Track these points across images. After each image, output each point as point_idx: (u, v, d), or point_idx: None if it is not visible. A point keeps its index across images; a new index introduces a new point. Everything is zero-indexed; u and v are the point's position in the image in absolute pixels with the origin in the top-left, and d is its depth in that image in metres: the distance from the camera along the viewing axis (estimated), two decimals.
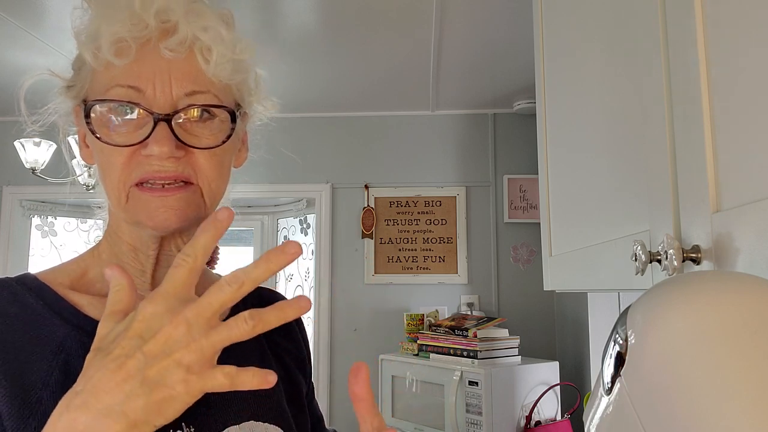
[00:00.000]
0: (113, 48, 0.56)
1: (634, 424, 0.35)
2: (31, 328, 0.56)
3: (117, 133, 0.58)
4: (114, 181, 0.58)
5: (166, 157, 0.57)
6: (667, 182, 0.62)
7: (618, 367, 0.38)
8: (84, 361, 0.55)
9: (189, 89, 0.58)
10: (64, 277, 0.63)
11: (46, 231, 3.51)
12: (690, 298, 0.36)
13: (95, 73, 0.59)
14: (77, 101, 0.62)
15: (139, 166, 0.57)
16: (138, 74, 0.57)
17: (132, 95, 0.57)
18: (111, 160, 0.58)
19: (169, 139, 0.56)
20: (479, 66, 2.62)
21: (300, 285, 3.47)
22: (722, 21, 0.53)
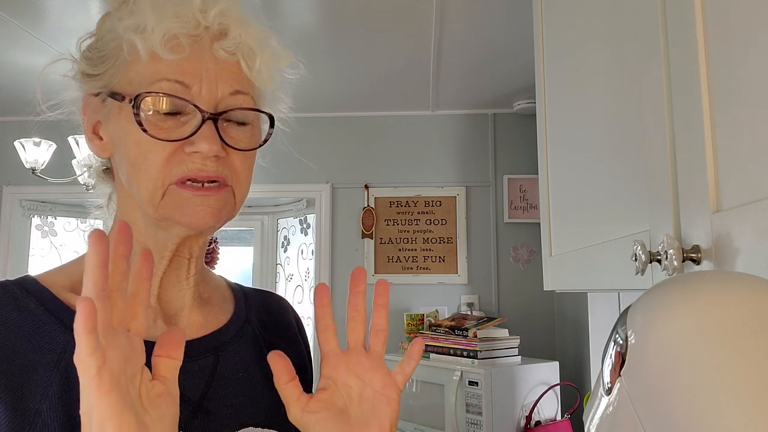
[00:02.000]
0: (168, 43, 0.56)
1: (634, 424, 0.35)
2: (32, 336, 0.55)
3: (161, 128, 0.57)
4: (151, 177, 0.57)
5: (212, 155, 0.57)
6: (667, 182, 0.62)
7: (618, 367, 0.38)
8: None
9: (234, 88, 0.59)
10: (64, 279, 0.61)
11: (46, 231, 3.51)
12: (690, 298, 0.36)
13: (131, 64, 0.58)
14: (95, 90, 0.61)
15: (181, 163, 0.57)
16: (185, 70, 0.57)
17: (179, 91, 0.57)
18: (150, 156, 0.57)
19: (216, 137, 0.57)
20: (479, 66, 2.62)
21: (300, 285, 3.47)
22: (722, 21, 0.53)
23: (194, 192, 0.57)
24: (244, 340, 0.69)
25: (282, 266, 3.58)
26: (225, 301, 0.72)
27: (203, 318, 0.67)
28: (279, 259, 3.59)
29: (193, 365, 0.62)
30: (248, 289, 0.78)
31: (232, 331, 0.68)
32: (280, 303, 0.80)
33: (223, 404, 0.62)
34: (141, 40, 0.56)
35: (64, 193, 3.18)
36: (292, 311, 0.80)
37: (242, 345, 0.68)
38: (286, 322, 0.78)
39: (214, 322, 0.68)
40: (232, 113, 0.59)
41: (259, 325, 0.73)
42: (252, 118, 0.62)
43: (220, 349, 0.66)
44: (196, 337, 0.65)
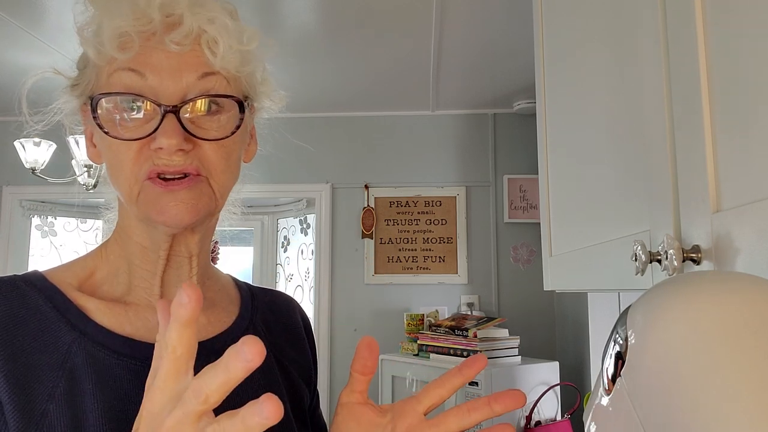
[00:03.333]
0: (116, 42, 0.55)
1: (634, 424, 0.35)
2: (40, 334, 0.55)
3: (124, 128, 0.57)
4: (125, 177, 0.57)
5: (174, 149, 0.55)
6: (667, 182, 0.62)
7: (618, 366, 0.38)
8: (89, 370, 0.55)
9: (201, 71, 0.57)
10: (72, 277, 0.61)
11: (46, 231, 3.51)
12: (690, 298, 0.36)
13: (100, 69, 0.58)
14: (83, 99, 0.62)
15: (148, 159, 0.57)
16: (143, 62, 0.56)
17: (135, 82, 0.56)
18: (120, 156, 0.57)
19: (176, 131, 0.55)
20: (479, 66, 2.62)
21: (300, 285, 3.47)
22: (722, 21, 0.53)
23: (163, 188, 0.56)
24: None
25: (282, 266, 3.58)
26: (230, 302, 0.71)
27: (206, 319, 0.66)
28: (279, 259, 3.59)
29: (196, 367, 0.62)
30: (256, 289, 0.77)
31: (235, 335, 0.67)
32: (289, 303, 0.79)
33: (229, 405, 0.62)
34: (95, 45, 0.56)
35: (64, 193, 3.18)
36: (300, 311, 0.79)
37: None
38: (293, 322, 0.77)
39: (218, 324, 0.67)
40: (198, 101, 0.57)
41: (264, 327, 0.72)
42: (226, 105, 0.59)
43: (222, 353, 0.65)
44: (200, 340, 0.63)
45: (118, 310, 0.60)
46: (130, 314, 0.61)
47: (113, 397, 0.55)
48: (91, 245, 3.74)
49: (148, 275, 0.62)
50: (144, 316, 0.61)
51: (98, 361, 0.56)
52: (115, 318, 0.60)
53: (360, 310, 3.11)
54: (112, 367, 0.56)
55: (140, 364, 0.58)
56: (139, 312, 0.61)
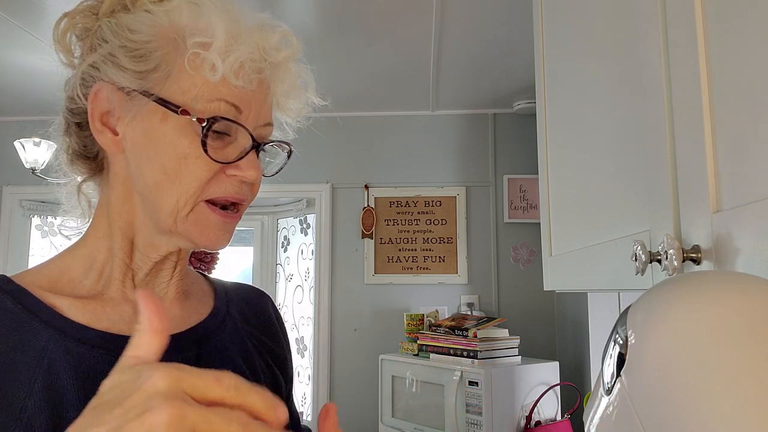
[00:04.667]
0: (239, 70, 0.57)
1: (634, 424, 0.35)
2: (12, 334, 0.55)
3: (211, 147, 0.58)
4: (187, 192, 0.58)
5: (255, 182, 0.61)
6: (667, 182, 0.62)
7: (618, 367, 0.38)
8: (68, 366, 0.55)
9: (267, 120, 0.64)
10: (42, 279, 0.61)
11: (46, 231, 3.51)
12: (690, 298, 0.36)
13: (184, 72, 0.58)
14: (130, 87, 0.58)
15: (219, 183, 0.59)
16: (242, 97, 0.59)
17: (231, 114, 0.59)
18: (195, 172, 0.58)
19: (258, 165, 0.61)
20: (479, 66, 2.62)
21: (300, 285, 3.47)
22: (722, 21, 0.53)
23: (222, 217, 0.60)
24: (226, 333, 0.70)
25: (282, 266, 3.58)
26: (204, 295, 0.73)
27: (184, 312, 0.68)
28: (279, 259, 3.59)
29: (177, 358, 0.62)
30: (227, 283, 0.79)
31: (213, 325, 0.69)
32: (261, 296, 0.81)
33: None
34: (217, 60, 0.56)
35: None
36: (272, 304, 0.82)
37: (225, 338, 0.69)
38: (267, 314, 0.79)
39: (195, 315, 0.69)
40: (268, 143, 0.63)
41: (240, 318, 0.73)
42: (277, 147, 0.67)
43: (201, 342, 0.66)
44: (179, 331, 0.65)
45: (94, 306, 0.60)
46: (107, 309, 0.61)
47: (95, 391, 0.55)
48: None
49: (130, 272, 0.63)
50: (121, 309, 0.62)
51: (77, 356, 0.56)
52: (91, 314, 0.59)
53: (360, 310, 3.11)
54: (92, 360, 0.57)
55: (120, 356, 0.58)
56: (116, 306, 0.61)
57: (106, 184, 0.65)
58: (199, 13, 0.59)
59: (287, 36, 0.64)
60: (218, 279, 0.79)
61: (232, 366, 0.67)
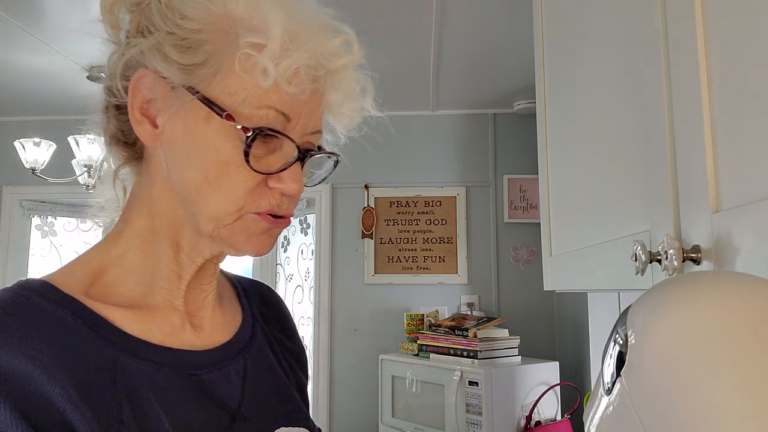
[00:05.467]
0: (293, 77, 0.53)
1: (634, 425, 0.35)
2: (82, 355, 0.49)
3: (254, 156, 0.54)
4: (231, 201, 0.54)
5: (296, 195, 0.56)
6: (667, 182, 0.62)
7: (618, 367, 0.38)
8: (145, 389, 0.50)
9: (317, 128, 0.59)
10: (79, 282, 0.55)
11: (46, 231, 3.51)
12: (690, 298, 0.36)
13: (231, 72, 0.53)
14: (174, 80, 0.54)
15: (263, 196, 0.55)
16: (293, 105, 0.54)
17: (279, 123, 0.54)
18: (235, 179, 0.54)
19: (301, 177, 0.56)
20: (479, 66, 2.62)
21: (300, 285, 3.47)
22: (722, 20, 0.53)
23: (272, 224, 0.56)
24: (258, 337, 0.67)
25: (282, 266, 3.58)
26: (231, 295, 0.70)
27: (224, 318, 0.65)
28: (279, 259, 3.59)
29: (229, 370, 0.60)
30: (243, 280, 0.75)
31: (248, 331, 0.66)
32: (272, 293, 0.78)
33: (257, 408, 0.61)
34: (269, 65, 0.51)
35: (64, 193, 3.18)
36: (280, 298, 0.79)
37: (259, 343, 0.67)
38: (283, 312, 0.76)
39: (233, 321, 0.66)
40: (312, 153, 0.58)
41: (261, 319, 0.71)
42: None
43: (245, 351, 0.64)
44: (224, 342, 0.62)
45: (145, 316, 0.56)
46: (158, 319, 0.57)
47: (171, 411, 0.52)
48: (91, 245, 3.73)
49: (175, 277, 0.59)
50: (170, 319, 0.58)
51: (149, 376, 0.52)
52: (143, 324, 0.55)
53: (360, 310, 3.11)
54: (159, 379, 0.53)
55: (181, 372, 0.56)
56: (165, 316, 0.58)
57: (146, 177, 0.59)
58: (256, 5, 0.54)
59: (349, 41, 0.59)
60: (230, 273, 0.75)
61: (270, 375, 0.65)
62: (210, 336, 0.62)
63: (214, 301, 0.64)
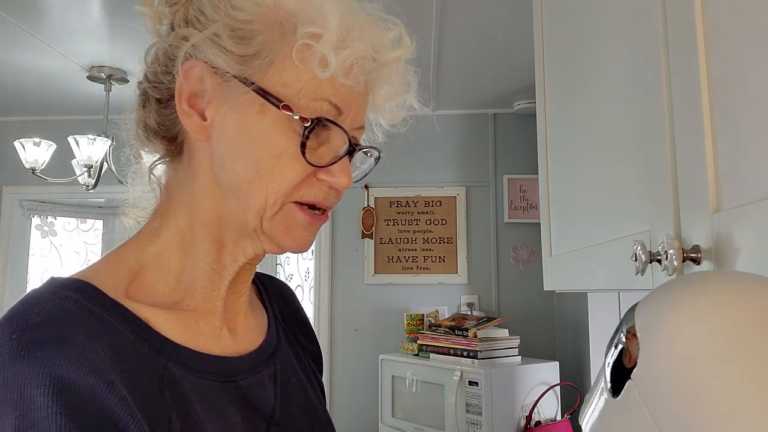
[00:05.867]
0: (349, 70, 0.52)
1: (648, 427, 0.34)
2: (131, 360, 0.48)
3: (308, 149, 0.53)
4: (277, 191, 0.53)
5: (345, 188, 0.56)
6: (667, 182, 0.62)
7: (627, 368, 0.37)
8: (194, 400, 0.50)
9: (362, 123, 0.59)
10: (119, 282, 0.53)
11: (45, 231, 3.51)
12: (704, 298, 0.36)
13: (287, 63, 0.52)
14: (227, 70, 0.53)
15: (310, 186, 0.54)
16: (346, 98, 0.54)
17: (332, 115, 0.54)
18: (288, 171, 0.53)
19: (350, 171, 0.56)
20: (479, 66, 2.62)
21: (300, 285, 3.47)
22: (722, 21, 0.53)
23: (311, 218, 0.56)
24: (283, 340, 0.66)
25: (282, 266, 3.58)
26: (256, 298, 0.69)
27: (255, 321, 0.64)
28: (279, 259, 3.59)
29: (263, 375, 0.60)
30: (262, 277, 0.74)
31: (274, 335, 0.66)
32: (289, 289, 0.77)
33: (289, 413, 0.61)
34: (330, 55, 0.50)
35: (64, 193, 3.18)
36: (298, 299, 0.78)
37: (285, 346, 0.66)
38: (300, 310, 0.75)
39: (261, 324, 0.65)
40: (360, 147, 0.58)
41: (282, 320, 0.70)
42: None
43: (275, 356, 0.63)
44: (256, 347, 0.62)
45: (187, 320, 0.55)
46: (200, 323, 0.56)
47: (220, 422, 0.52)
48: (90, 245, 3.74)
49: (217, 277, 0.57)
50: (211, 323, 0.57)
51: (191, 385, 0.52)
52: (186, 330, 0.54)
53: (360, 310, 3.11)
54: (204, 388, 0.52)
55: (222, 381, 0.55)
56: (207, 320, 0.57)
57: (186, 172, 0.58)
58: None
59: (402, 35, 0.58)
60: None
61: (297, 380, 0.65)
62: (243, 340, 0.61)
63: (246, 305, 0.63)
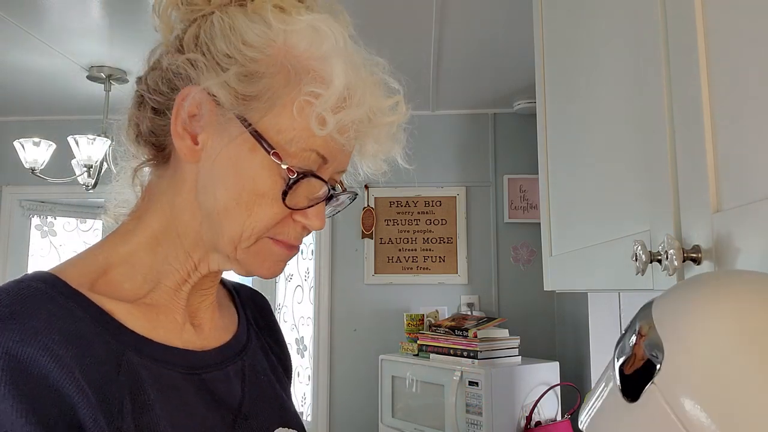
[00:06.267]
0: (345, 131, 0.54)
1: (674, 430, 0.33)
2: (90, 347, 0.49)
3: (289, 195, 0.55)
4: (253, 227, 0.55)
5: (317, 230, 0.58)
6: (667, 182, 0.62)
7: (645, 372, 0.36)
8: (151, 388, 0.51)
9: (344, 168, 0.61)
10: (85, 277, 0.55)
11: (45, 231, 3.51)
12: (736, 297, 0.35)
13: (285, 110, 0.54)
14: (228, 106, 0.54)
15: (285, 227, 0.57)
16: (333, 151, 0.56)
17: (318, 164, 0.56)
18: (266, 210, 0.55)
19: (325, 216, 0.59)
20: (479, 66, 2.62)
21: (300, 285, 3.47)
22: (722, 21, 0.53)
23: (287, 250, 0.59)
24: (254, 342, 0.69)
25: None
26: (226, 299, 0.72)
27: (222, 321, 0.67)
28: None
29: (228, 370, 0.62)
30: (237, 286, 0.77)
31: (244, 334, 0.68)
32: (261, 297, 0.80)
33: (257, 408, 0.62)
34: (329, 117, 0.53)
35: (63, 193, 3.18)
36: (268, 303, 0.81)
37: (254, 346, 0.69)
38: (271, 317, 0.78)
39: (230, 325, 0.68)
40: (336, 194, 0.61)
41: (254, 323, 0.73)
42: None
43: (242, 353, 0.65)
44: (223, 343, 0.64)
45: (149, 314, 0.57)
46: (161, 316, 0.58)
47: (173, 409, 0.53)
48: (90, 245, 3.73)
49: (181, 281, 0.60)
50: (173, 318, 0.59)
51: (150, 373, 0.53)
52: (148, 322, 0.56)
53: (360, 310, 3.11)
54: (162, 377, 0.54)
55: (184, 372, 0.57)
56: (168, 314, 0.59)
57: (169, 182, 0.59)
58: (320, 47, 0.54)
59: (400, 103, 0.61)
60: (226, 279, 0.76)
61: (266, 378, 0.67)
62: (209, 337, 0.63)
63: (213, 304, 0.65)
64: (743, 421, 0.31)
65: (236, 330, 0.67)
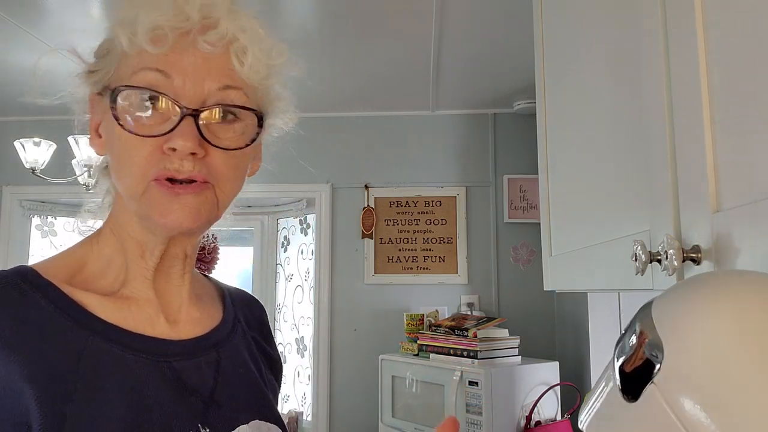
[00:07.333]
0: (150, 34, 0.55)
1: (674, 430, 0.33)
2: (49, 334, 0.53)
3: (140, 124, 0.56)
4: (132, 174, 0.57)
5: (188, 152, 0.55)
6: (667, 182, 0.62)
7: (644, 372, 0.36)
8: (105, 369, 0.53)
9: (223, 83, 0.58)
10: (62, 271, 0.59)
11: (46, 231, 3.51)
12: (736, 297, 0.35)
13: (124, 58, 0.58)
14: (98, 88, 0.61)
15: (160, 161, 0.56)
16: (168, 62, 0.56)
17: (160, 81, 0.56)
18: (132, 152, 0.56)
19: (193, 134, 0.55)
20: (479, 66, 2.62)
21: (300, 285, 3.47)
22: (722, 21, 0.53)
23: (169, 191, 0.56)
24: (237, 338, 0.70)
25: (282, 266, 3.58)
26: (213, 298, 0.73)
27: (200, 314, 0.68)
28: (279, 259, 3.59)
29: (200, 361, 0.63)
30: (230, 288, 0.79)
31: (226, 329, 0.69)
32: (258, 303, 0.82)
33: (232, 398, 0.63)
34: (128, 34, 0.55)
35: (64, 193, 3.17)
36: (265, 311, 0.83)
37: (237, 342, 0.70)
38: (264, 322, 0.80)
39: (210, 319, 0.69)
40: (215, 109, 0.58)
41: (245, 323, 0.74)
42: (243, 116, 0.60)
43: (219, 346, 0.67)
44: (198, 335, 0.65)
45: (120, 305, 0.60)
46: (132, 308, 0.60)
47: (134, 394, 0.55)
48: None
49: (144, 271, 0.62)
50: (145, 309, 0.61)
51: (114, 358, 0.55)
52: (118, 313, 0.59)
53: (360, 310, 3.11)
54: (128, 363, 0.56)
55: (152, 359, 0.58)
56: (140, 306, 0.61)
57: (113, 187, 0.65)
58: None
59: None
60: (220, 281, 0.79)
61: (246, 371, 0.68)
62: (184, 329, 0.64)
63: (189, 298, 0.66)
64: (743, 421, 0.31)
65: (217, 325, 0.68)
